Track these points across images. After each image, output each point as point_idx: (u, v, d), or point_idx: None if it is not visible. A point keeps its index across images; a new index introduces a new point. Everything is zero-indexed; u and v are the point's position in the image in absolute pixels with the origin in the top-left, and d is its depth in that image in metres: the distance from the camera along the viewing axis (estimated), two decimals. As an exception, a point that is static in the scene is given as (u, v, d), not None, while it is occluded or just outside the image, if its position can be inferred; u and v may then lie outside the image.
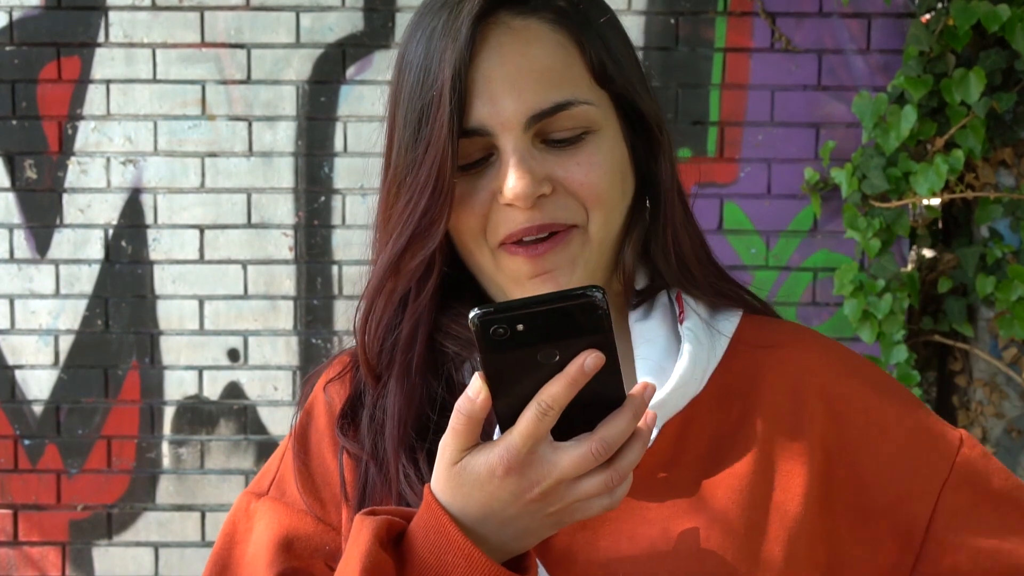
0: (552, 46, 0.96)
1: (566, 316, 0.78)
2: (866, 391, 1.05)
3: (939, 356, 3.24)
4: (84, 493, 3.25)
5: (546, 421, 0.79)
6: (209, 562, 1.06)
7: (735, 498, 0.96)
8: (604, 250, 1.01)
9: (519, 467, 0.80)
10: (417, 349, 1.02)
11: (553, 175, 0.96)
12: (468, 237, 0.99)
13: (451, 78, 0.93)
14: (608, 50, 0.99)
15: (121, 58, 3.17)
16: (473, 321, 0.77)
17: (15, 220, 3.21)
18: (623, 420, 0.81)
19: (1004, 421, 3.04)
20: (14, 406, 3.24)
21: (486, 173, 0.97)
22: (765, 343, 1.06)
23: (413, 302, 1.02)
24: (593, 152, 0.97)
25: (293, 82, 3.18)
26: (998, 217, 3.00)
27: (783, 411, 1.01)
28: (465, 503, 0.83)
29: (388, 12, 3.16)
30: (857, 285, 2.99)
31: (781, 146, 3.13)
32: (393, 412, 1.00)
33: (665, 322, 1.04)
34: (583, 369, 0.79)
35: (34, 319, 3.22)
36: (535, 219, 0.96)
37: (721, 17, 3.12)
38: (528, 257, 0.97)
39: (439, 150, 0.94)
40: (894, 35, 3.10)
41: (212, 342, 3.23)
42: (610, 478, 0.81)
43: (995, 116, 2.97)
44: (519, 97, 0.94)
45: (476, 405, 0.80)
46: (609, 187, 0.98)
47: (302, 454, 1.06)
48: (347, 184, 3.19)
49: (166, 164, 3.19)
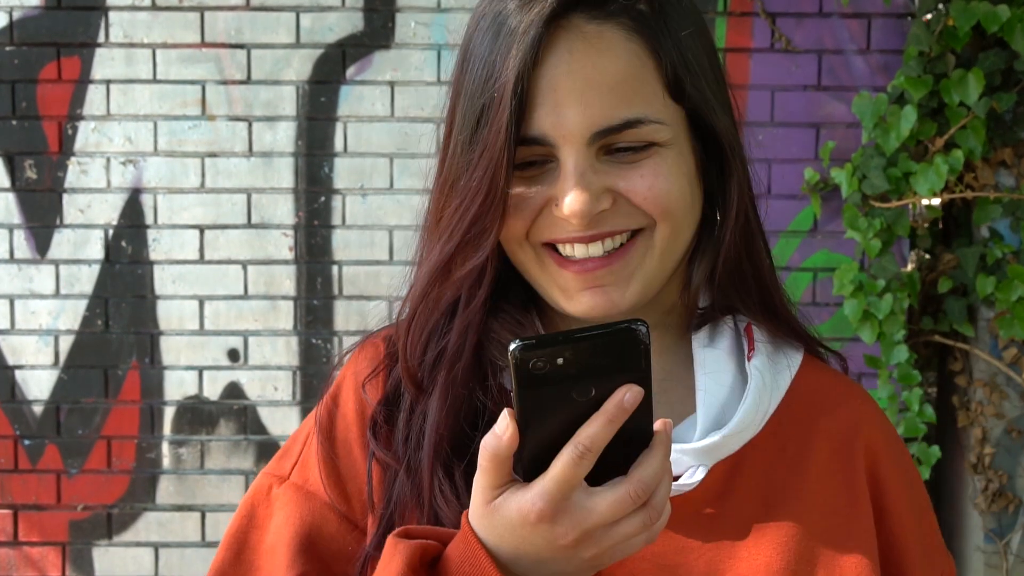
0: (626, 57, 0.90)
1: (608, 350, 0.75)
2: (904, 464, 1.06)
3: (939, 356, 3.24)
4: (84, 493, 3.25)
5: (583, 464, 0.76)
6: (225, 542, 1.03)
7: (781, 550, 0.94)
8: (666, 262, 0.96)
9: (552, 514, 0.77)
10: (464, 359, 0.98)
11: (615, 187, 0.92)
12: (511, 238, 0.96)
13: (514, 81, 0.88)
14: (686, 63, 0.93)
15: (121, 58, 3.17)
16: (513, 354, 0.74)
17: (15, 220, 3.21)
18: (656, 459, 0.79)
19: (1004, 421, 3.04)
20: (14, 406, 3.24)
21: (541, 179, 0.93)
22: (821, 389, 1.04)
23: (463, 311, 0.98)
24: (659, 164, 0.92)
25: (293, 82, 3.18)
26: (998, 217, 3.00)
27: (834, 463, 1.00)
28: (499, 542, 0.80)
29: (388, 12, 3.16)
30: (857, 285, 2.99)
31: (781, 146, 3.13)
32: (434, 424, 0.96)
33: (732, 356, 1.00)
34: (623, 405, 0.76)
35: (34, 319, 3.22)
36: (589, 229, 0.92)
37: (721, 17, 3.12)
38: (577, 273, 0.94)
39: (494, 156, 0.90)
40: (894, 35, 3.10)
41: (212, 342, 3.23)
42: (648, 517, 0.79)
43: (995, 116, 2.97)
44: (585, 111, 0.89)
45: (503, 443, 0.77)
46: (677, 200, 0.93)
47: (327, 442, 1.02)
48: (347, 184, 3.19)
49: (166, 164, 3.19)
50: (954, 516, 3.20)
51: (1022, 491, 3.06)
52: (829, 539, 0.96)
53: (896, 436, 1.08)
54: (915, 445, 3.00)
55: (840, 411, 1.03)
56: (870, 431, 1.03)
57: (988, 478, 3.04)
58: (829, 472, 0.99)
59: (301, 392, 3.23)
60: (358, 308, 3.20)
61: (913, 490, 1.06)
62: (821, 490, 0.98)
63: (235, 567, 1.01)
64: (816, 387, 1.04)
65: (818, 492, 0.98)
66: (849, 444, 1.01)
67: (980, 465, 3.05)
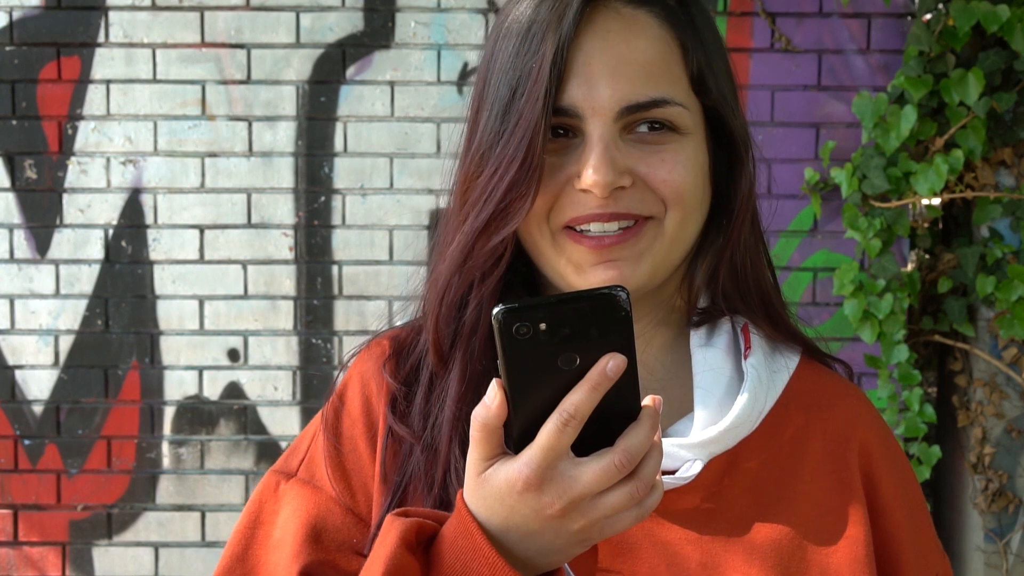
0: (657, 41, 0.95)
1: (589, 315, 0.76)
2: (899, 464, 1.07)
3: (939, 356, 3.24)
4: (84, 493, 3.25)
5: (568, 432, 0.77)
6: (232, 540, 1.04)
7: (776, 546, 0.96)
8: (675, 249, 0.98)
9: (538, 482, 0.78)
10: (480, 335, 0.99)
11: (635, 169, 0.95)
12: (532, 218, 0.97)
13: (553, 54, 0.92)
14: (708, 59, 0.97)
15: (121, 58, 3.17)
16: (496, 317, 0.75)
17: (15, 220, 3.21)
18: (643, 431, 0.79)
19: (1004, 421, 3.04)
20: (14, 406, 3.24)
21: (566, 155, 0.96)
22: (817, 390, 1.05)
23: (479, 285, 0.99)
24: (678, 151, 0.95)
25: (293, 82, 3.18)
26: (998, 217, 3.00)
27: (828, 463, 1.01)
28: (489, 515, 0.81)
29: (388, 12, 3.16)
30: (857, 285, 2.99)
31: (781, 146, 3.13)
32: (453, 399, 0.98)
33: (730, 355, 1.02)
34: (606, 373, 0.77)
35: (34, 319, 3.22)
36: (607, 207, 0.94)
37: (721, 17, 3.12)
38: (592, 248, 0.95)
39: (531, 124, 0.92)
40: (894, 35, 3.10)
41: (212, 342, 3.23)
42: (636, 488, 0.79)
43: (995, 116, 2.97)
44: (616, 85, 0.93)
45: (492, 412, 0.78)
46: (691, 189, 0.96)
47: (333, 439, 1.04)
48: (347, 184, 3.19)
49: (166, 164, 3.19)
50: (954, 516, 3.20)
51: (1022, 491, 3.06)
52: (822, 537, 0.97)
53: (891, 436, 1.09)
54: (915, 445, 3.00)
55: (835, 411, 1.04)
56: (864, 431, 1.04)
57: (988, 478, 3.04)
58: (823, 471, 1.01)
59: (301, 392, 3.23)
60: (358, 308, 3.19)
61: (908, 490, 1.06)
62: (815, 488, 1.00)
63: (242, 563, 1.03)
64: (812, 387, 1.05)
65: (812, 490, 0.99)
66: (843, 444, 1.02)
67: (980, 465, 3.05)
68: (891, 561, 1.02)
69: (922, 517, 1.07)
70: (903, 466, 1.08)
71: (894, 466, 1.06)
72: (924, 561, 1.05)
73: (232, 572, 1.03)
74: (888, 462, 1.05)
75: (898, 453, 1.08)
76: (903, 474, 1.07)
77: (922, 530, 1.07)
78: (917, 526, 1.06)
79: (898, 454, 1.08)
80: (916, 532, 1.05)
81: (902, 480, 1.06)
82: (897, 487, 1.04)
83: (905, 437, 2.99)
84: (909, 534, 1.04)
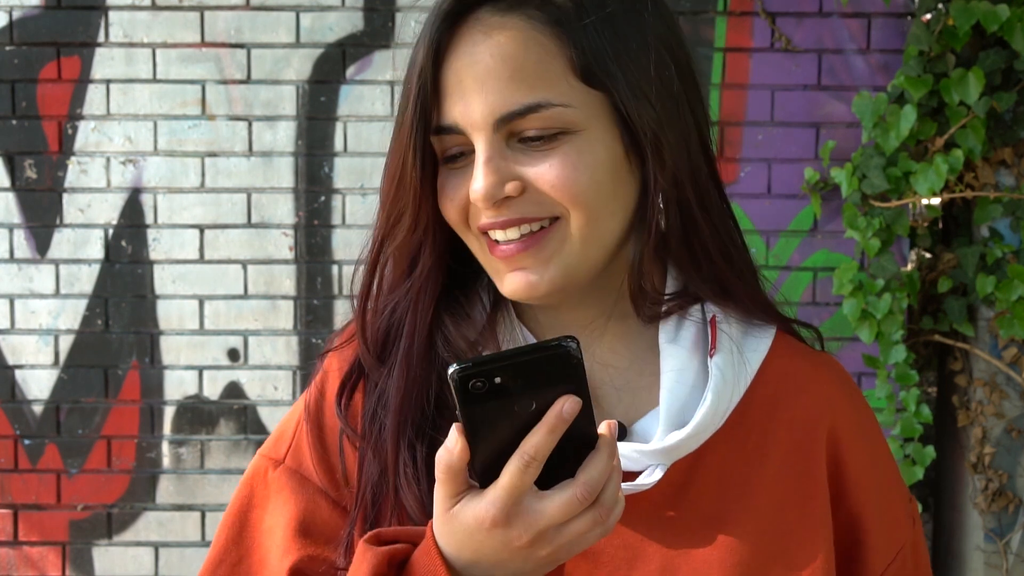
0: (528, 44, 0.92)
1: (543, 366, 0.80)
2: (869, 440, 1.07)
3: (939, 356, 3.24)
4: (84, 493, 3.25)
5: (530, 472, 0.80)
6: (227, 522, 1.06)
7: (735, 547, 0.96)
8: (588, 250, 0.96)
9: (505, 519, 0.81)
10: (418, 339, 1.02)
11: (523, 175, 0.94)
12: (453, 225, 1.00)
13: (418, 75, 0.95)
14: (601, 49, 0.93)
15: (121, 58, 3.17)
16: (452, 377, 0.78)
17: (15, 220, 3.21)
18: (601, 461, 0.82)
19: (1004, 421, 3.04)
20: (14, 406, 3.24)
21: (468, 168, 0.96)
22: (789, 373, 1.05)
23: (405, 284, 1.03)
24: (568, 153, 0.93)
25: (293, 82, 3.18)
26: (998, 217, 3.00)
27: (794, 455, 1.01)
28: (459, 549, 0.84)
29: (388, 12, 3.16)
30: (857, 285, 2.99)
31: (781, 146, 3.13)
32: (395, 404, 1.00)
33: (696, 353, 1.01)
34: (562, 415, 0.80)
35: (34, 319, 3.22)
36: (500, 216, 0.95)
37: (721, 17, 3.12)
38: (500, 256, 0.97)
39: (403, 145, 0.96)
40: (894, 35, 3.10)
41: (212, 342, 3.23)
42: (599, 514, 0.83)
43: (995, 116, 2.97)
44: (487, 98, 0.92)
45: (455, 456, 0.81)
46: (589, 188, 0.93)
47: (316, 430, 1.06)
48: (347, 184, 3.19)
49: (166, 164, 3.19)
50: (954, 516, 3.20)
51: (1022, 491, 3.06)
52: (784, 535, 0.98)
53: (863, 409, 1.08)
54: (911, 445, 3.00)
55: (804, 397, 1.04)
56: (833, 414, 1.04)
57: (988, 478, 3.04)
58: (788, 464, 1.01)
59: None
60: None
61: (877, 465, 1.06)
62: (779, 484, 1.00)
63: (238, 545, 1.05)
64: (782, 372, 1.04)
65: (775, 486, 0.99)
66: (811, 433, 1.02)
67: (980, 465, 3.05)
68: (856, 539, 1.03)
69: (891, 490, 1.07)
70: (874, 442, 1.08)
71: (864, 444, 1.06)
72: (890, 538, 1.05)
73: (227, 555, 1.04)
74: (858, 441, 1.05)
75: (869, 427, 1.08)
76: (874, 450, 1.07)
77: (891, 505, 1.07)
78: (885, 502, 1.06)
79: (869, 428, 1.08)
80: (884, 509, 1.05)
81: (871, 458, 1.06)
82: (866, 466, 1.05)
83: (902, 437, 2.99)
84: (875, 511, 1.04)
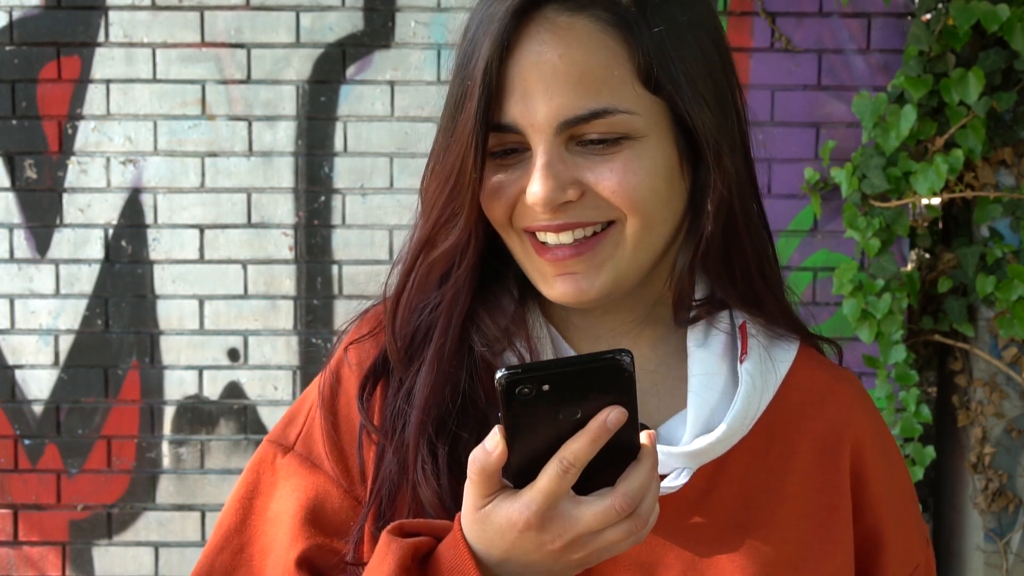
0: (596, 48, 0.91)
1: (593, 377, 0.78)
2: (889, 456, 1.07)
3: (939, 356, 3.24)
4: (84, 493, 3.25)
5: (567, 479, 0.79)
6: (231, 508, 1.04)
7: (757, 555, 0.96)
8: (640, 255, 0.96)
9: (539, 523, 0.80)
10: (450, 338, 0.99)
11: (583, 179, 0.92)
12: (496, 223, 0.98)
13: (482, 72, 0.91)
14: (665, 54, 0.92)
15: (121, 58, 3.17)
16: (500, 382, 0.77)
17: (15, 220, 3.21)
18: (643, 473, 0.81)
19: (1004, 421, 3.04)
20: (14, 406, 3.24)
21: (519, 166, 0.94)
22: (812, 386, 1.04)
23: (444, 286, 1.00)
24: (630, 159, 0.92)
25: (293, 82, 3.18)
26: (998, 217, 3.00)
27: (817, 466, 1.01)
28: (488, 547, 0.84)
29: (388, 12, 3.16)
30: (856, 285, 2.99)
31: (781, 146, 3.13)
32: (421, 401, 0.98)
33: (725, 358, 1.01)
34: (606, 425, 0.79)
35: (34, 319, 3.22)
36: (556, 219, 0.93)
37: (721, 17, 3.12)
38: (549, 260, 0.95)
39: (463, 144, 0.93)
40: (894, 35, 3.10)
41: (212, 342, 3.23)
42: (634, 525, 0.82)
43: (995, 116, 2.97)
44: (552, 101, 0.90)
45: (492, 458, 0.80)
46: (648, 194, 0.93)
47: (330, 417, 1.03)
48: (347, 184, 3.19)
49: (166, 164, 3.19)
50: (954, 516, 3.20)
51: (1022, 491, 3.06)
52: (805, 545, 0.97)
53: (883, 427, 1.09)
54: (911, 445, 3.00)
55: (828, 410, 1.04)
56: (856, 429, 1.04)
57: (988, 478, 3.04)
58: (811, 475, 1.00)
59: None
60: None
61: (895, 483, 1.07)
62: (802, 493, 0.99)
63: (240, 533, 1.03)
64: (807, 384, 1.04)
65: (798, 496, 0.99)
66: (834, 446, 1.02)
67: (980, 465, 3.05)
68: (873, 555, 1.03)
69: (909, 510, 1.08)
70: (893, 458, 1.08)
71: (884, 460, 1.06)
72: (906, 554, 1.05)
73: (229, 542, 1.03)
74: (878, 457, 1.05)
75: (889, 445, 1.08)
76: (892, 468, 1.07)
77: (908, 522, 1.07)
78: (903, 518, 1.06)
79: (889, 446, 1.08)
80: (901, 525, 1.05)
81: (891, 474, 1.06)
82: (885, 482, 1.05)
83: (902, 437, 2.99)
84: (893, 526, 1.04)
